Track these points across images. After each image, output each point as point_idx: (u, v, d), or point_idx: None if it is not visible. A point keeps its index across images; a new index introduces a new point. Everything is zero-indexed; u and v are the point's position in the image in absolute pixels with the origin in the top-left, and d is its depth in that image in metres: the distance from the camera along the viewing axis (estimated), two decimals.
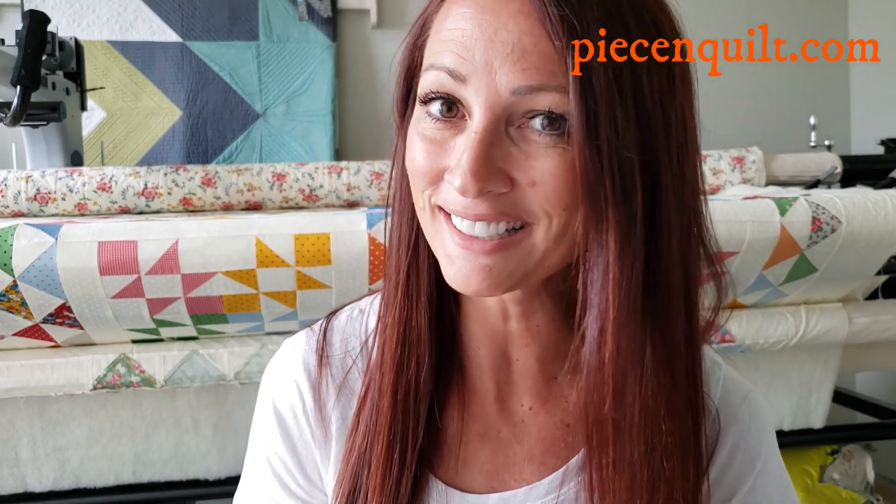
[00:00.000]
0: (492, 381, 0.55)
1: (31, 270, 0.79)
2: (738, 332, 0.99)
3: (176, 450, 0.97)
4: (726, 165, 1.36)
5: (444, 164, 0.45)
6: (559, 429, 0.54)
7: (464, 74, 0.43)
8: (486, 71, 0.42)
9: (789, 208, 0.90)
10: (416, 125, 0.47)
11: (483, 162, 0.42)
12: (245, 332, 0.93)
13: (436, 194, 0.46)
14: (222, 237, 0.82)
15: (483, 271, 0.45)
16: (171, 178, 1.23)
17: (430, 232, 0.48)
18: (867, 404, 1.40)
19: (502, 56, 0.42)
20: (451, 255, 0.46)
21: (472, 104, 0.44)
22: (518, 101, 0.42)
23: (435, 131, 0.45)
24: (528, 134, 0.43)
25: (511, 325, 0.53)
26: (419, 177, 0.46)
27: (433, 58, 0.45)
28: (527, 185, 0.43)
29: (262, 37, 1.72)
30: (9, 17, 1.63)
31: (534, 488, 0.53)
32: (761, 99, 1.99)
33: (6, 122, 1.07)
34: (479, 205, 0.43)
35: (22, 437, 0.94)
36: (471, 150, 0.42)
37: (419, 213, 0.49)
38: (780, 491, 0.56)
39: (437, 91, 0.45)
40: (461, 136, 0.44)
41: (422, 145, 0.46)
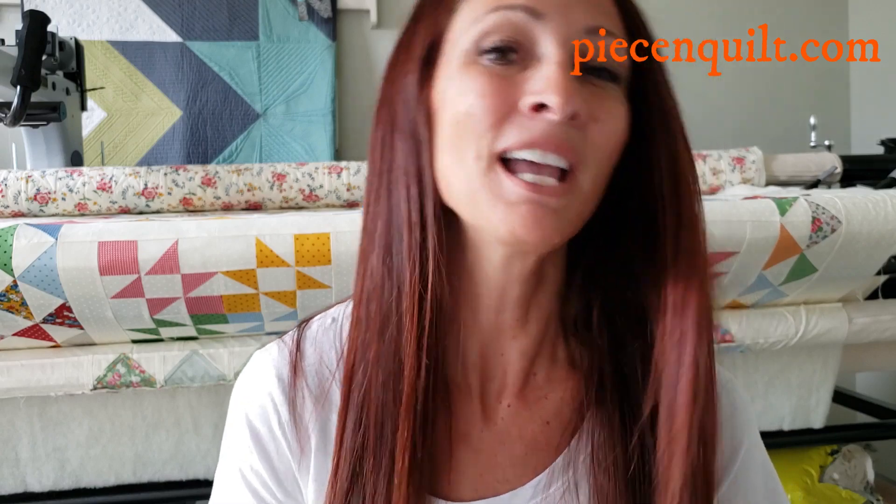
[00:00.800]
0: (476, 377, 0.54)
1: (31, 270, 0.79)
2: (737, 332, 0.99)
3: (176, 450, 0.97)
4: (726, 165, 1.36)
5: (516, 94, 0.44)
6: (539, 427, 0.53)
7: (541, 11, 0.44)
8: (564, 8, 0.44)
9: (789, 208, 0.90)
10: (464, 73, 0.45)
11: (574, 84, 0.43)
12: (245, 333, 0.93)
13: (499, 136, 0.44)
14: (222, 237, 0.82)
15: (554, 214, 0.44)
16: (171, 178, 1.23)
17: (474, 187, 0.45)
18: (867, 404, 1.40)
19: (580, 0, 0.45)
20: (512, 201, 0.44)
21: (543, 41, 0.44)
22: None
23: (501, 67, 0.45)
24: (587, 80, 0.45)
25: (505, 316, 0.52)
26: (487, 114, 0.44)
27: (496, 2, 0.45)
28: (589, 120, 0.44)
29: (262, 37, 1.72)
30: (9, 17, 1.63)
31: (518, 492, 0.52)
32: (761, 99, 1.99)
33: (6, 122, 1.07)
34: (556, 131, 0.43)
35: (22, 437, 0.94)
36: (560, 71, 0.43)
37: (462, 170, 0.45)
38: (765, 481, 0.56)
39: (506, 32, 0.44)
40: (527, 71, 0.44)
41: (490, 79, 0.44)
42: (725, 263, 0.91)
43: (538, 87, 0.43)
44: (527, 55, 0.45)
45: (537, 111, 0.43)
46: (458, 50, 0.46)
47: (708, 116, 1.95)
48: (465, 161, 0.45)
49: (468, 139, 0.45)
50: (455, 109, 0.45)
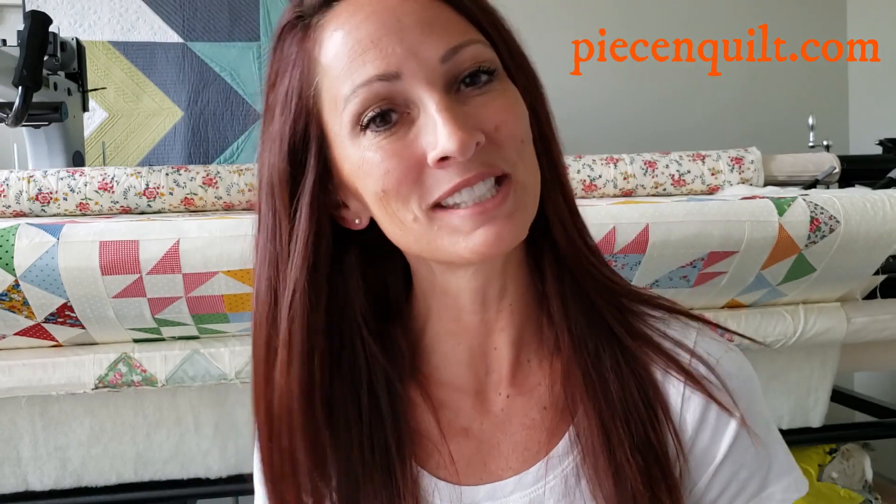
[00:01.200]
0: (470, 375, 0.56)
1: (32, 270, 0.79)
2: None
3: (177, 449, 0.97)
4: (725, 165, 1.36)
5: (418, 154, 0.46)
6: (537, 413, 0.55)
7: (394, 71, 0.45)
8: (412, 55, 0.45)
9: (788, 208, 0.91)
10: (361, 152, 0.46)
11: (461, 118, 0.44)
12: (246, 332, 0.93)
13: (426, 195, 0.46)
14: (223, 237, 0.82)
15: (508, 221, 0.46)
16: (172, 179, 1.23)
17: (427, 238, 0.47)
18: (866, 403, 1.40)
19: (417, 36, 0.45)
20: (468, 230, 0.46)
21: (412, 93, 0.45)
22: (448, 68, 0.46)
23: (389, 137, 0.46)
24: (466, 95, 0.46)
25: (489, 312, 0.54)
26: (402, 183, 0.46)
27: (349, 82, 0.45)
28: (494, 131, 0.46)
29: (263, 37, 1.72)
30: (10, 18, 1.63)
31: (523, 477, 0.54)
32: (760, 99, 1.99)
33: (8, 123, 1.07)
34: (472, 166, 0.45)
35: (23, 437, 0.94)
36: (445, 115, 0.44)
37: (407, 229, 0.48)
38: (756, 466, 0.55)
39: (374, 103, 0.45)
40: (415, 126, 0.46)
41: (385, 154, 0.46)
42: (724, 263, 0.91)
43: (432, 140, 0.45)
44: (406, 108, 0.46)
45: (445, 161, 0.45)
46: (340, 130, 0.47)
47: (707, 116, 1.95)
48: (407, 225, 0.47)
49: (398, 208, 0.47)
50: (370, 189, 0.47)
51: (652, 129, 1.89)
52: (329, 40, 0.47)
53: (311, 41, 0.48)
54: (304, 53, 0.48)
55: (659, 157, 1.36)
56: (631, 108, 1.87)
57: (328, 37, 0.47)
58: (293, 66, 0.48)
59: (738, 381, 0.55)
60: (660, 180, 1.34)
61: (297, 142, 0.49)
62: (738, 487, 0.54)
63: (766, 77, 2.00)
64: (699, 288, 0.94)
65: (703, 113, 1.95)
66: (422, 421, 0.56)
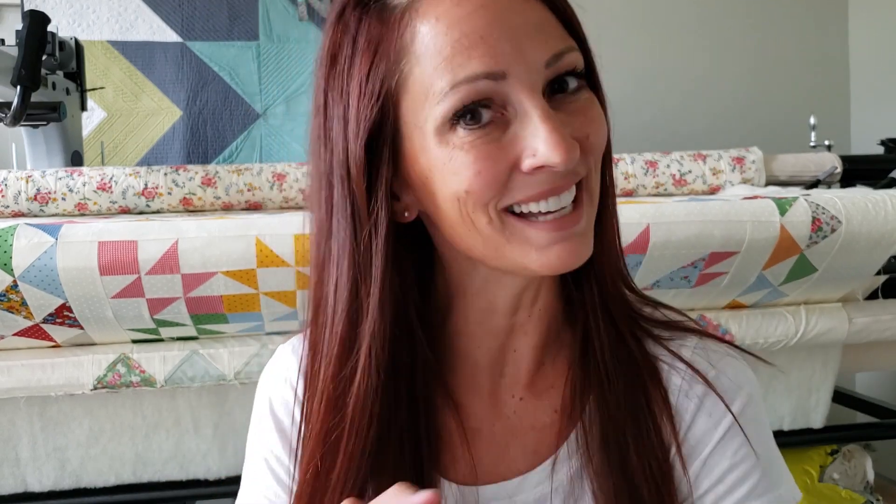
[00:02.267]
0: (487, 376, 0.56)
1: (31, 270, 0.79)
2: (737, 332, 0.99)
3: (176, 450, 0.97)
4: (726, 165, 1.36)
5: (511, 159, 0.44)
6: (548, 415, 0.55)
7: (503, 70, 0.43)
8: (520, 57, 0.44)
9: (789, 208, 0.90)
10: (449, 149, 0.44)
11: (563, 130, 0.43)
12: (245, 332, 0.93)
13: (504, 198, 0.45)
14: (222, 237, 0.82)
15: (581, 239, 0.47)
16: (171, 178, 1.23)
17: (497, 243, 0.46)
18: (867, 404, 1.40)
19: (527, 38, 0.44)
20: (542, 244, 0.46)
21: (513, 94, 0.44)
22: (550, 73, 0.45)
23: (483, 136, 0.44)
24: (557, 101, 0.46)
25: (519, 315, 0.54)
26: (490, 185, 0.44)
27: (450, 76, 0.43)
28: (584, 140, 0.46)
29: (262, 37, 1.72)
30: (9, 17, 1.63)
31: (527, 477, 0.54)
32: (761, 99, 1.99)
33: (6, 122, 1.07)
34: (565, 173, 0.45)
35: (22, 437, 0.94)
36: (548, 125, 0.43)
37: (480, 233, 0.46)
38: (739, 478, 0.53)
39: (474, 100, 0.43)
40: (510, 128, 0.45)
41: (478, 155, 0.44)
42: (725, 263, 0.91)
43: (534, 148, 0.43)
44: (502, 108, 0.44)
45: (541, 169, 0.44)
46: (424, 123, 0.45)
47: (708, 116, 1.95)
48: (478, 228, 0.46)
49: (474, 211, 0.45)
50: (452, 188, 0.45)
51: (653, 129, 1.88)
52: (427, 29, 0.44)
53: (403, 25, 0.45)
54: (391, 37, 0.45)
55: (660, 157, 1.36)
56: (631, 108, 1.86)
57: (425, 25, 0.44)
58: (376, 48, 0.45)
59: (735, 383, 0.55)
60: (661, 180, 1.34)
61: (375, 129, 0.46)
62: (725, 489, 0.53)
63: (767, 77, 2.00)
64: (700, 288, 0.94)
65: (703, 113, 1.94)
66: (441, 423, 0.55)
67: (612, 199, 0.52)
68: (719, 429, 0.53)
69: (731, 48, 1.98)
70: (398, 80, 0.45)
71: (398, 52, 0.45)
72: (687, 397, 0.54)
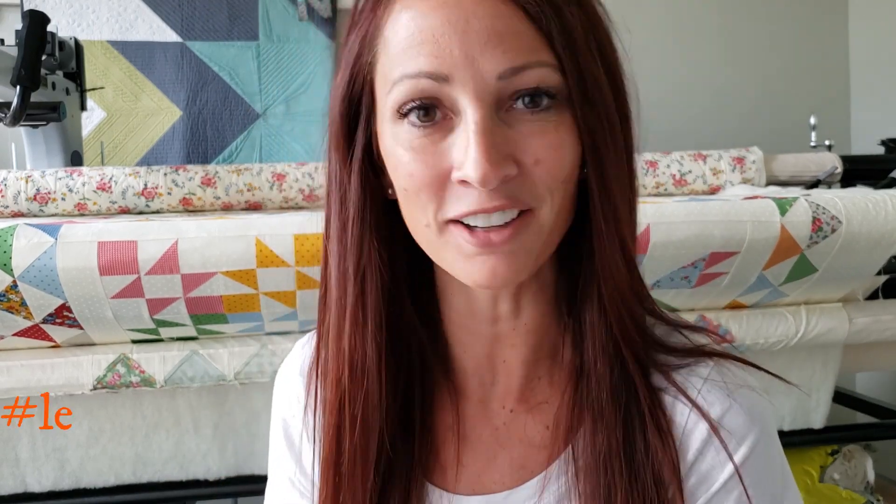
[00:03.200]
0: (476, 384, 0.55)
1: (30, 270, 0.79)
2: (738, 332, 0.99)
3: (176, 450, 0.97)
4: (726, 165, 1.36)
5: (444, 166, 0.44)
6: (539, 431, 0.53)
7: (445, 73, 0.42)
8: (468, 63, 0.42)
9: (789, 208, 0.90)
10: (395, 141, 0.45)
11: (493, 148, 0.42)
12: (245, 333, 0.93)
13: (443, 208, 0.45)
14: (222, 237, 0.81)
15: (507, 259, 0.44)
16: (170, 178, 1.23)
17: (436, 246, 0.47)
18: (867, 404, 1.40)
19: (480, 44, 0.42)
20: (468, 254, 0.45)
21: (458, 100, 0.43)
22: (505, 85, 0.42)
23: (423, 138, 0.44)
24: (517, 115, 0.43)
25: (500, 326, 0.53)
26: (422, 191, 0.44)
27: (401, 68, 0.43)
28: (531, 165, 0.43)
29: (262, 37, 1.72)
30: (9, 17, 1.63)
31: (514, 493, 0.52)
32: (761, 99, 1.99)
33: (6, 122, 1.07)
34: (494, 197, 0.43)
35: (22, 437, 0.94)
36: (478, 139, 0.41)
37: (421, 231, 0.47)
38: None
39: (418, 97, 0.43)
40: (452, 135, 0.44)
41: (414, 156, 0.44)
42: (725, 263, 0.91)
43: (460, 159, 0.43)
44: (450, 111, 0.44)
45: (466, 183, 0.43)
46: (384, 108, 0.46)
47: (708, 116, 1.95)
48: (419, 226, 0.47)
49: (415, 209, 0.46)
50: (397, 182, 0.46)
51: (653, 129, 1.88)
52: (396, 17, 0.44)
53: (383, 8, 0.45)
54: (374, 18, 0.46)
55: (660, 157, 1.36)
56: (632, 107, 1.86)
57: (396, 12, 0.44)
58: (361, 26, 0.47)
59: (749, 419, 0.50)
60: (661, 180, 1.34)
61: (353, 101, 0.48)
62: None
63: (766, 77, 2.00)
64: (700, 288, 0.94)
65: (704, 113, 1.94)
66: (433, 423, 0.55)
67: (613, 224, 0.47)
68: (725, 470, 0.49)
69: (731, 48, 1.98)
70: (371, 59, 0.46)
71: (375, 33, 0.46)
72: (692, 434, 0.50)
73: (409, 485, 0.53)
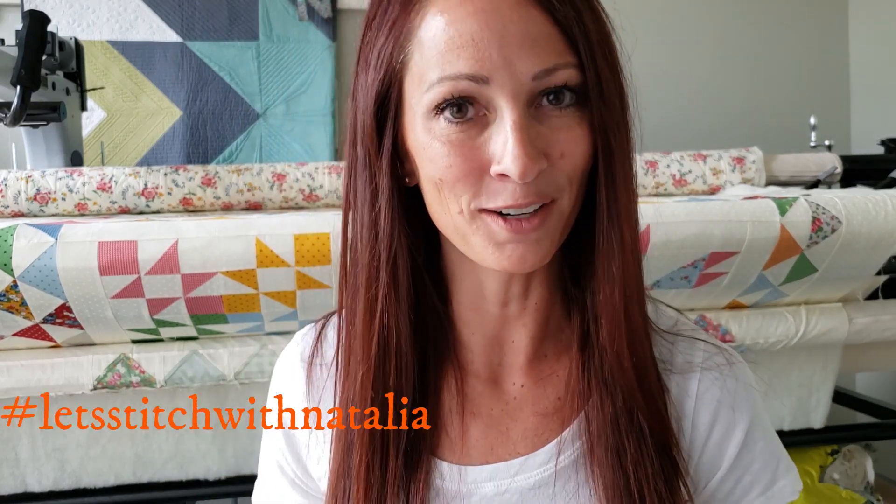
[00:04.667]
0: (484, 363, 0.57)
1: (30, 270, 0.79)
2: (737, 332, 0.99)
3: (176, 450, 0.97)
4: (726, 165, 1.36)
5: (483, 159, 0.47)
6: (551, 403, 0.56)
7: (485, 75, 0.45)
8: (506, 66, 0.45)
9: (789, 208, 0.90)
10: (431, 135, 0.48)
11: (530, 144, 0.45)
12: (245, 333, 0.93)
13: (477, 198, 0.47)
14: (222, 237, 0.82)
15: (535, 246, 0.48)
16: (171, 179, 1.23)
17: (466, 232, 0.49)
18: (867, 404, 1.40)
19: (517, 47, 0.45)
20: (500, 241, 0.48)
21: (495, 99, 0.46)
22: (537, 85, 0.46)
23: (460, 133, 0.47)
24: (545, 112, 0.47)
25: (510, 308, 0.56)
26: (459, 181, 0.47)
27: (440, 69, 0.46)
28: (558, 158, 0.47)
29: (262, 37, 1.72)
30: (9, 17, 1.63)
31: (528, 459, 0.55)
32: (761, 99, 1.99)
33: (6, 122, 1.07)
34: (527, 192, 0.46)
35: (22, 437, 0.94)
36: (517, 136, 0.45)
37: (451, 218, 0.49)
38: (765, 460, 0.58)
39: (457, 95, 0.46)
40: (488, 130, 0.47)
41: (452, 149, 0.47)
42: (725, 263, 0.91)
43: (499, 153, 0.46)
44: (486, 109, 0.47)
45: (505, 176, 0.46)
46: (417, 105, 0.48)
47: (708, 116, 1.95)
48: (451, 213, 0.49)
49: (448, 198, 0.49)
50: (428, 173, 0.49)
51: (653, 129, 1.88)
52: (432, 19, 0.47)
53: (415, 11, 0.48)
54: (406, 19, 0.48)
55: (660, 157, 1.36)
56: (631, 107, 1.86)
57: (432, 15, 0.47)
58: (392, 27, 0.49)
59: (745, 386, 0.58)
60: (661, 180, 1.34)
61: (383, 99, 0.50)
62: (751, 479, 0.57)
63: (767, 77, 2.00)
64: (700, 288, 0.94)
65: (704, 113, 1.94)
66: (439, 400, 0.57)
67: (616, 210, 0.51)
68: (737, 431, 0.56)
69: (731, 48, 1.98)
70: (403, 59, 0.49)
71: (408, 34, 0.48)
72: (702, 399, 0.56)
73: (417, 460, 0.54)
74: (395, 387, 0.53)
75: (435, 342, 0.57)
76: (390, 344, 0.53)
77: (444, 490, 0.54)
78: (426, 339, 0.56)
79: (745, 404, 0.57)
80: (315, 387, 0.59)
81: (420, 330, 0.55)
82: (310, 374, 0.59)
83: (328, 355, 0.59)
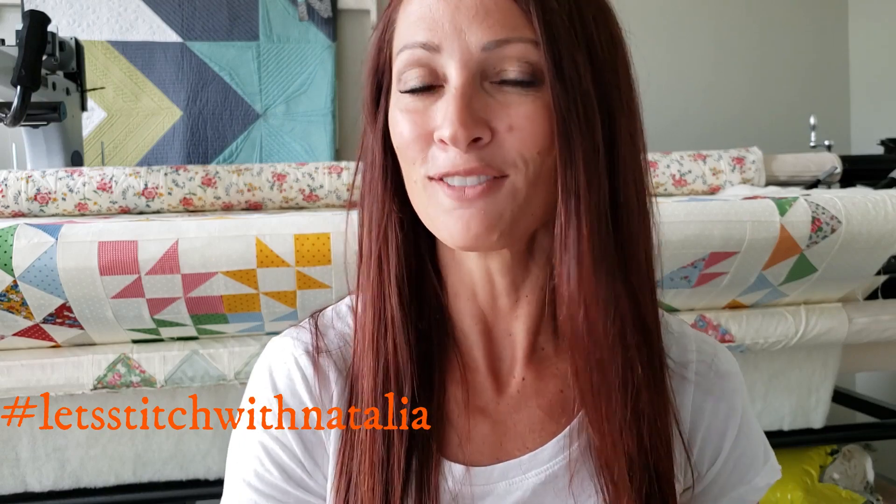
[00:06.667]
0: (483, 357, 0.57)
1: (31, 270, 0.79)
2: (737, 332, 0.99)
3: (176, 450, 0.97)
4: (726, 165, 1.36)
5: (430, 127, 0.48)
6: (554, 395, 0.56)
7: (436, 44, 0.48)
8: (456, 35, 0.47)
9: (789, 208, 0.90)
10: (395, 106, 0.51)
11: (467, 111, 0.46)
12: (245, 332, 0.93)
13: (425, 165, 0.49)
14: (222, 237, 0.82)
15: (479, 214, 0.48)
16: (171, 179, 1.23)
17: (423, 202, 0.51)
18: (867, 404, 1.40)
19: (469, 18, 0.47)
20: (447, 209, 0.49)
21: (447, 67, 0.48)
22: (489, 57, 0.47)
23: (416, 101, 0.49)
24: (502, 88, 0.48)
25: (501, 301, 0.55)
26: (409, 148, 0.49)
27: (404, 40, 0.49)
28: (505, 131, 0.47)
29: (262, 37, 1.72)
30: (9, 17, 1.63)
31: (537, 454, 0.55)
32: (761, 99, 1.99)
33: (6, 123, 1.07)
34: (468, 159, 0.47)
35: (22, 437, 0.94)
36: (454, 102, 0.46)
37: (412, 188, 0.51)
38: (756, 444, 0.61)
39: (414, 65, 0.49)
40: (441, 100, 0.48)
41: (405, 117, 0.49)
42: (725, 263, 0.91)
43: (439, 120, 0.48)
44: (442, 81, 0.49)
45: (445, 143, 0.47)
46: (394, 82, 0.51)
47: (708, 116, 1.95)
48: (410, 183, 0.51)
49: (406, 167, 0.51)
50: (395, 137, 0.51)
51: (653, 129, 1.88)
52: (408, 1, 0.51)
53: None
54: (396, 2, 0.52)
55: (660, 157, 1.36)
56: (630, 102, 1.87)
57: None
58: (387, 10, 0.53)
59: (733, 377, 0.61)
60: (661, 180, 1.34)
61: (378, 73, 0.54)
62: (745, 466, 0.60)
63: (766, 77, 2.00)
64: (700, 288, 0.94)
65: (704, 113, 1.94)
66: (445, 397, 0.56)
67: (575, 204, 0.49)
68: (731, 424, 0.59)
69: (731, 49, 1.98)
70: (390, 35, 0.52)
71: (394, 16, 0.52)
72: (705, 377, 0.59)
73: (427, 461, 0.53)
74: (396, 386, 0.53)
75: (438, 338, 0.56)
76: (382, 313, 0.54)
77: (459, 494, 0.54)
78: (428, 328, 0.56)
79: (737, 394, 0.60)
80: (324, 385, 0.56)
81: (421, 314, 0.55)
82: (317, 372, 0.56)
83: (332, 352, 0.57)
